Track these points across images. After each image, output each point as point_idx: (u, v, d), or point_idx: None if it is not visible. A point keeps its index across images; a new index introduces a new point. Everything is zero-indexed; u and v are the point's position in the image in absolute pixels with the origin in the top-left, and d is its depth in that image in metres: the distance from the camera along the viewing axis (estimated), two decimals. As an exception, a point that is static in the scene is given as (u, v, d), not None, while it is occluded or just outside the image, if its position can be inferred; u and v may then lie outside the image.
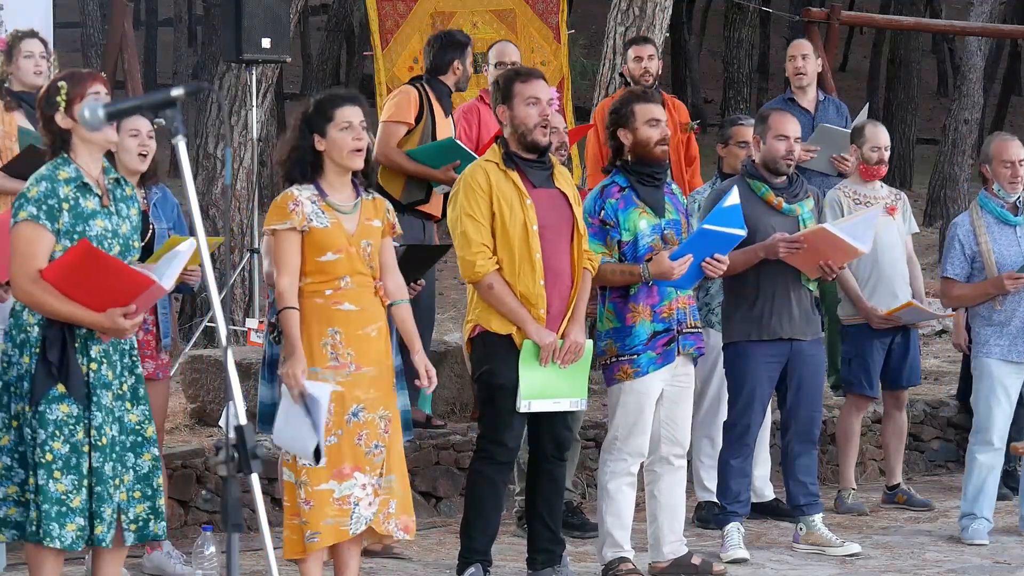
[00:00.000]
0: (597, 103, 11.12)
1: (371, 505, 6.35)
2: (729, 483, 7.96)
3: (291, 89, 29.12)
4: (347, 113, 6.37)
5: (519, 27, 12.11)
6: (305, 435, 6.06)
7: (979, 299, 8.40)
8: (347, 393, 6.31)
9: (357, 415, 6.33)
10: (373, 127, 7.09)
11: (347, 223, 6.37)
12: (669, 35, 16.53)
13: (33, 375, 5.70)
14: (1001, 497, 8.74)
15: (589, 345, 7.06)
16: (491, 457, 7.02)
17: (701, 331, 7.56)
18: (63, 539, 5.69)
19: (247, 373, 8.45)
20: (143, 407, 5.93)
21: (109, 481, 5.76)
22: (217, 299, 4.33)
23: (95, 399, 5.74)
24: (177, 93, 4.19)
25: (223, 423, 5.06)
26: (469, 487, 7.16)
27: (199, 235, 4.29)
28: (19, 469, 5.76)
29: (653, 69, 10.01)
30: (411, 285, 6.94)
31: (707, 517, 8.56)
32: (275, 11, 10.89)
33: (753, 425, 7.95)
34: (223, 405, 8.06)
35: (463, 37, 9.23)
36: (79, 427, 5.72)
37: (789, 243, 7.73)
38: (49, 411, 5.70)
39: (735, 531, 7.90)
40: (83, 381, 5.74)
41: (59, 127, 5.83)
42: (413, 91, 8.94)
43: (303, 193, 6.36)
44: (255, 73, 11.24)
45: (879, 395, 9.16)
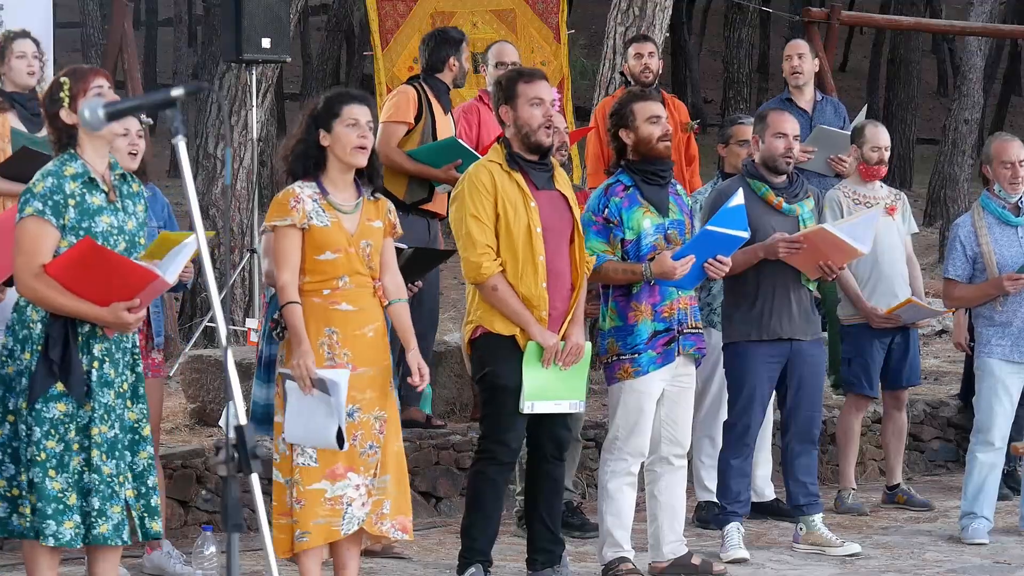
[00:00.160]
0: (597, 103, 11.11)
1: (364, 506, 6.33)
2: (729, 483, 7.95)
3: (291, 89, 29.12)
4: (355, 111, 6.37)
5: (519, 27, 12.10)
6: (322, 423, 6.06)
7: (980, 300, 8.40)
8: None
9: (352, 415, 6.31)
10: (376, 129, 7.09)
11: (347, 223, 6.36)
12: (669, 35, 16.53)
13: (33, 372, 5.71)
14: (1001, 497, 8.74)
15: (588, 347, 7.06)
16: (494, 457, 7.01)
17: (702, 332, 7.56)
18: (60, 537, 5.68)
19: (247, 373, 8.42)
20: (142, 405, 5.94)
21: (114, 479, 5.76)
22: (217, 299, 4.33)
23: (96, 397, 5.74)
24: (177, 93, 4.18)
25: (223, 423, 5.06)
26: (471, 487, 7.14)
27: (199, 235, 4.28)
28: (10, 464, 5.76)
29: (654, 66, 10.00)
30: (409, 286, 6.93)
31: (707, 517, 8.56)
32: (275, 11, 10.87)
33: (753, 425, 7.95)
34: (223, 405, 8.04)
35: (457, 34, 9.22)
36: (72, 425, 5.72)
37: (789, 243, 7.73)
38: (46, 409, 5.70)
39: (735, 531, 7.90)
40: (83, 380, 5.74)
41: (64, 123, 5.84)
42: (412, 91, 8.92)
43: (305, 191, 6.35)
44: (255, 73, 11.23)
45: (879, 395, 9.17)
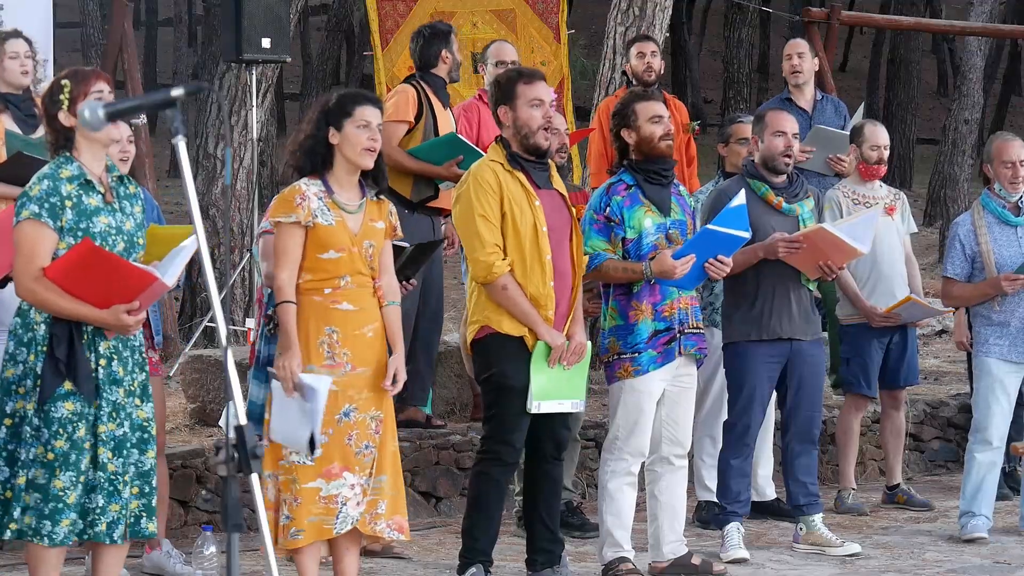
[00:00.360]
0: (597, 103, 11.11)
1: (359, 505, 6.33)
2: (729, 483, 7.95)
3: (291, 89, 29.13)
4: (367, 113, 6.36)
5: (519, 27, 12.11)
6: (297, 427, 6.06)
7: (978, 299, 8.40)
8: (340, 393, 6.29)
9: (348, 415, 6.32)
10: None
11: (351, 222, 6.35)
12: (669, 35, 16.53)
13: (41, 373, 5.71)
14: (1001, 497, 8.74)
15: (588, 347, 7.06)
16: (499, 458, 6.99)
17: (703, 332, 7.56)
18: (54, 536, 5.69)
19: (247, 373, 8.43)
20: (151, 404, 5.96)
21: (118, 477, 5.77)
22: (217, 299, 4.33)
23: (104, 395, 5.75)
24: (177, 93, 4.18)
25: (223, 423, 5.06)
26: (474, 488, 7.11)
27: (199, 236, 4.28)
28: (4, 467, 5.76)
29: (656, 65, 10.01)
30: (403, 284, 6.92)
31: (707, 517, 8.55)
32: (275, 11, 10.88)
33: (753, 425, 7.95)
34: (223, 405, 8.05)
35: (444, 26, 9.21)
36: (82, 424, 5.72)
37: (789, 243, 7.73)
38: (54, 409, 5.71)
39: (735, 531, 7.90)
40: (91, 377, 5.75)
41: (62, 125, 5.83)
42: (411, 89, 8.92)
43: (311, 188, 6.34)
44: (255, 73, 11.23)
45: (877, 395, 9.16)
